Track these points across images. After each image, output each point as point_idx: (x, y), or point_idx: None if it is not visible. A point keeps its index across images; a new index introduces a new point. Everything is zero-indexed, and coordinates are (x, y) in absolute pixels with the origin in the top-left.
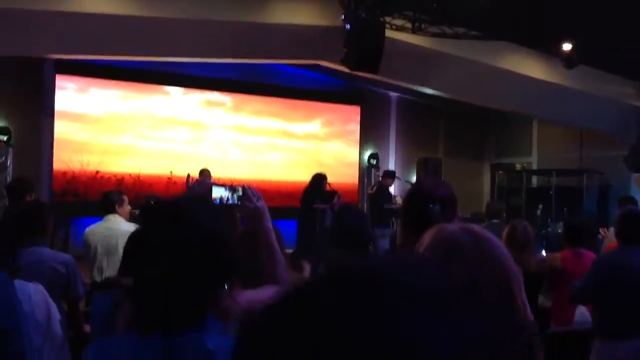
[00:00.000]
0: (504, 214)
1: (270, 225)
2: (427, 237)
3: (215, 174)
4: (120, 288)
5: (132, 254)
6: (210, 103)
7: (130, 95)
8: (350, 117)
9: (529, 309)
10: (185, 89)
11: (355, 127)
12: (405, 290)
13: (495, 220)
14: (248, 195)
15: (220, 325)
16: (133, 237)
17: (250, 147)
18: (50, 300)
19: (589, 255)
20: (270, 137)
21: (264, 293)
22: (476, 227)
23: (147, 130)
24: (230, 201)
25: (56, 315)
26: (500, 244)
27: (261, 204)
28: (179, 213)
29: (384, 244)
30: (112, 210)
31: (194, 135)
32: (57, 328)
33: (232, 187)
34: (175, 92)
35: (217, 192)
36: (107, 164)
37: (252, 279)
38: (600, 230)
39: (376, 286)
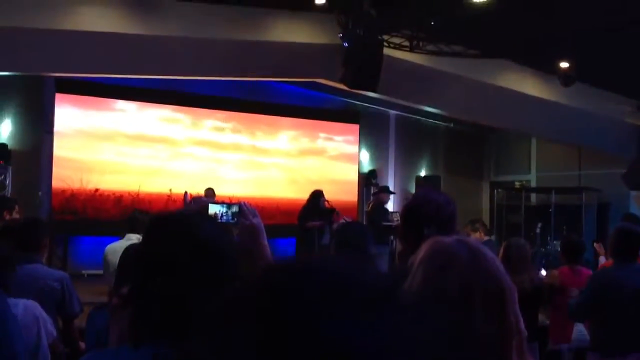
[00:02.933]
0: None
1: (266, 242)
2: (423, 249)
3: (215, 191)
4: (117, 298)
5: (131, 265)
6: (208, 120)
7: (129, 114)
8: (349, 135)
9: (522, 323)
10: (185, 107)
11: (354, 145)
12: (333, 289)
13: (487, 238)
14: (244, 212)
15: None
16: (131, 249)
17: (250, 165)
18: (44, 318)
19: (586, 272)
20: (270, 156)
21: None
22: (471, 240)
23: (146, 148)
24: (226, 218)
25: (46, 336)
26: (494, 257)
27: (257, 220)
28: (183, 226)
29: (382, 262)
30: (137, 230)
31: (192, 152)
32: (46, 349)
33: (228, 204)
34: (175, 110)
35: (213, 209)
36: (107, 181)
37: None
38: (595, 245)
39: (306, 285)
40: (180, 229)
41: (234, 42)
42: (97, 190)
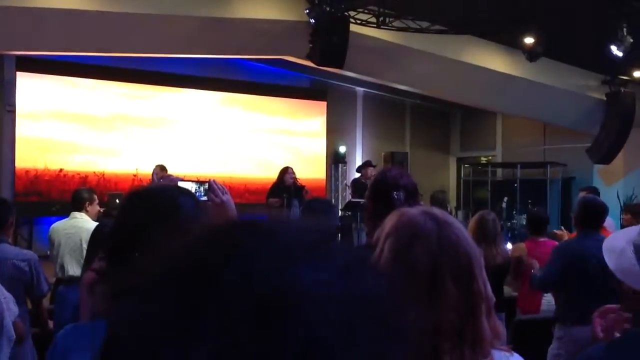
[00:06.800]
0: (448, 204)
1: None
2: (389, 221)
3: (183, 170)
4: (93, 272)
5: (104, 241)
6: (175, 99)
7: (94, 92)
8: (316, 113)
9: (489, 289)
10: (149, 85)
11: (322, 123)
12: (276, 242)
13: None
14: (214, 189)
15: None
16: (103, 226)
17: (216, 143)
18: (6, 296)
19: (551, 244)
20: (236, 134)
21: None
22: (437, 211)
23: (111, 127)
24: (197, 195)
25: (10, 314)
26: (460, 226)
27: (227, 198)
28: (161, 200)
29: (363, 236)
30: (81, 208)
31: (159, 132)
32: (10, 329)
33: (198, 182)
34: (139, 89)
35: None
36: (71, 162)
37: None
38: (557, 232)
39: (251, 239)
40: (158, 202)
41: (199, 19)
42: (61, 170)
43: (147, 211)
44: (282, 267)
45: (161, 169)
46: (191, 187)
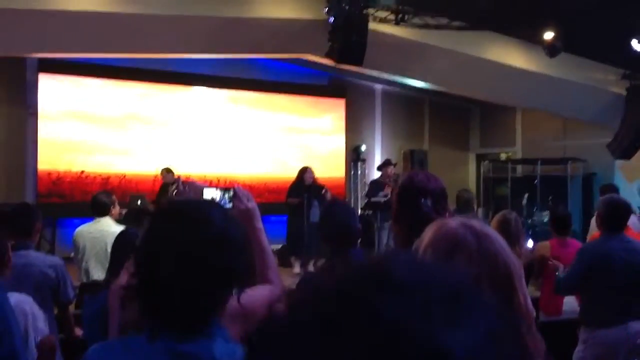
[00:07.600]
0: (475, 205)
1: (261, 225)
2: (428, 234)
3: (204, 171)
4: (120, 288)
5: (129, 252)
6: (195, 99)
7: (114, 93)
8: (335, 110)
9: (530, 302)
10: (170, 85)
11: (341, 120)
12: (432, 294)
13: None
14: (239, 196)
15: (226, 332)
16: (126, 236)
17: (236, 142)
18: (35, 315)
19: (575, 244)
20: (256, 133)
21: (256, 293)
22: (476, 223)
23: (133, 128)
24: (223, 202)
25: (34, 333)
26: (499, 238)
27: (252, 204)
28: (193, 214)
29: (383, 236)
30: (104, 213)
31: (179, 132)
32: (32, 347)
33: (223, 189)
34: (159, 89)
35: (209, 194)
36: (93, 163)
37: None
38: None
39: (407, 289)
40: (193, 218)
41: (219, 19)
42: (83, 172)
43: (178, 226)
44: (424, 329)
45: (167, 171)
46: (216, 194)
